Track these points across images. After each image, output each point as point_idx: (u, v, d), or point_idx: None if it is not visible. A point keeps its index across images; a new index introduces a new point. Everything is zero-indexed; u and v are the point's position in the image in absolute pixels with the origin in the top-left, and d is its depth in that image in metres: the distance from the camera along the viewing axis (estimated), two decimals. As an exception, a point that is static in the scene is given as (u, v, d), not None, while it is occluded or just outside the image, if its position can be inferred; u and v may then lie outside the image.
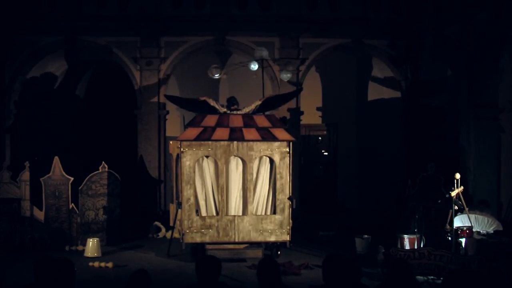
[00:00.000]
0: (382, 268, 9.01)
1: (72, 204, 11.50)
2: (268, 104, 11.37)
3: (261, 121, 10.73)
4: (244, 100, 11.47)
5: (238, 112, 10.95)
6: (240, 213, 10.41)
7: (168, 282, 8.92)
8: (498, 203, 11.73)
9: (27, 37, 13.96)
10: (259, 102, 11.16)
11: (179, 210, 10.53)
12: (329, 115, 16.11)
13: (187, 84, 15.43)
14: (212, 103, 11.04)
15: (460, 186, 9.40)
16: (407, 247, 9.60)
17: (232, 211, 10.43)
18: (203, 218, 10.31)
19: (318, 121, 16.17)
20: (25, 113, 14.60)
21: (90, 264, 9.92)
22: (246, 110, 11.05)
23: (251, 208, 10.32)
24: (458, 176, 9.36)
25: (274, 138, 10.34)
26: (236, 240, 10.29)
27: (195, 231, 10.21)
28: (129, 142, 14.80)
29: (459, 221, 9.68)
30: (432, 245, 9.19)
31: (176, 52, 14.30)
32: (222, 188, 10.34)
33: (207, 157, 10.43)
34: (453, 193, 9.32)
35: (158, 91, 14.26)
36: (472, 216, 9.85)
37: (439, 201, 9.76)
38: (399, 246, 9.71)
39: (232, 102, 11.14)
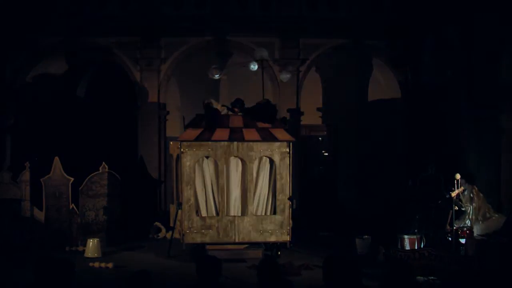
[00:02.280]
0: (383, 268, 9.01)
1: (72, 204, 11.50)
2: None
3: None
4: (244, 100, 11.45)
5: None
6: (240, 214, 10.41)
7: (168, 283, 8.92)
8: (498, 203, 11.72)
9: (27, 38, 13.96)
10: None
11: (179, 211, 10.53)
12: (329, 115, 16.08)
13: (187, 84, 15.41)
14: (215, 105, 10.95)
15: (460, 187, 9.41)
16: (408, 247, 9.59)
17: (232, 212, 10.43)
18: (203, 219, 10.31)
19: (318, 121, 16.14)
20: (25, 113, 14.59)
21: (90, 264, 9.92)
22: None
23: (251, 208, 10.31)
24: (458, 176, 9.38)
25: (274, 139, 10.33)
26: (236, 240, 10.29)
27: (195, 231, 10.21)
28: (129, 142, 14.79)
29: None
30: (432, 245, 9.18)
31: (176, 53, 14.31)
32: (222, 189, 10.34)
33: (207, 157, 10.43)
34: (454, 194, 9.35)
35: (158, 91, 14.25)
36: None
37: (439, 202, 9.77)
38: (399, 246, 9.70)
39: (235, 104, 11.02)
